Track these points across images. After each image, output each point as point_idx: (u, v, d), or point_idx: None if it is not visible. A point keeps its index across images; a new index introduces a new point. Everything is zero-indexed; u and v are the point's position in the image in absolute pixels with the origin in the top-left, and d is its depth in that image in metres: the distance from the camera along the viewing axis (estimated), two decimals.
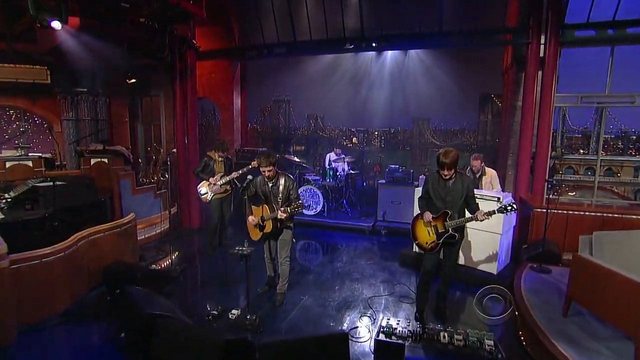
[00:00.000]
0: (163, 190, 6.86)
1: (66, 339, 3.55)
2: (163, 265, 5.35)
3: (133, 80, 6.97)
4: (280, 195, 3.91)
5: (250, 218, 4.00)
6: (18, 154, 5.25)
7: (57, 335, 3.57)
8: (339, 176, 8.07)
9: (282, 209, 3.77)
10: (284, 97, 14.38)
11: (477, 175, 5.40)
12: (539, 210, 5.55)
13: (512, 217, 4.91)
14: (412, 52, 10.00)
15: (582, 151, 9.59)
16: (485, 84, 10.28)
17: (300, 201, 3.87)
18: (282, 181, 3.96)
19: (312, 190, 7.78)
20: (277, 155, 4.12)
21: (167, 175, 6.43)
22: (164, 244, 6.27)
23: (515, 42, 6.65)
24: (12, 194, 4.25)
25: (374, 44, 7.18)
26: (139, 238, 6.21)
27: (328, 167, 8.01)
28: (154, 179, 6.59)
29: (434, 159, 5.85)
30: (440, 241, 3.61)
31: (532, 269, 4.68)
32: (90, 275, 4.47)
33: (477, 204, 3.69)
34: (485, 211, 3.50)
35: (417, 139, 12.00)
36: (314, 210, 7.82)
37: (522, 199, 6.16)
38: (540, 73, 6.14)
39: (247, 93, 12.66)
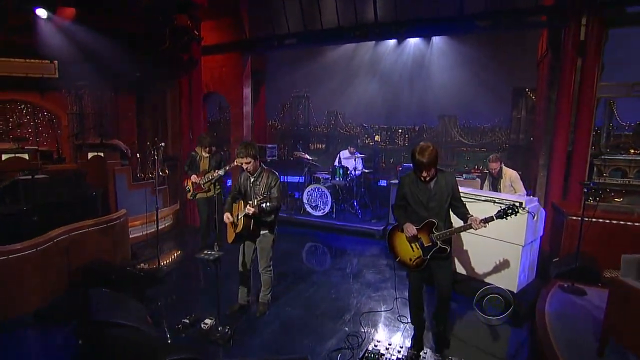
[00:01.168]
0: (164, 186, 6.69)
1: (22, 342, 3.33)
2: (154, 266, 5.11)
3: (137, 74, 6.84)
4: (261, 192, 3.48)
5: (226, 215, 3.60)
6: (15, 147, 5.20)
7: (14, 338, 3.37)
8: (350, 175, 7.54)
9: (250, 202, 3.34)
10: (303, 93, 14.05)
11: (496, 179, 4.72)
12: (573, 218, 4.72)
13: (539, 226, 4.16)
14: (435, 42, 9.21)
15: (633, 151, 8.33)
16: (518, 76, 9.27)
17: (270, 194, 3.42)
18: (264, 177, 3.53)
19: (320, 190, 7.30)
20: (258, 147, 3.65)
21: (167, 171, 6.22)
22: (160, 243, 6.08)
23: (550, 24, 5.77)
24: None
25: (388, 32, 6.58)
26: (136, 235, 6.07)
27: (338, 165, 7.50)
28: (152, 174, 6.40)
29: (461, 158, 5.22)
30: (428, 257, 2.99)
31: (561, 288, 3.92)
32: (72, 274, 4.28)
33: (465, 205, 3.05)
34: (481, 218, 2.83)
35: (443, 138, 11.15)
36: (321, 211, 7.35)
37: (555, 205, 5.32)
38: (580, 60, 5.26)
39: (266, 89, 12.45)
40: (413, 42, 9.29)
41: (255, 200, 3.29)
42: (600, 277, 4.22)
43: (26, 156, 5.28)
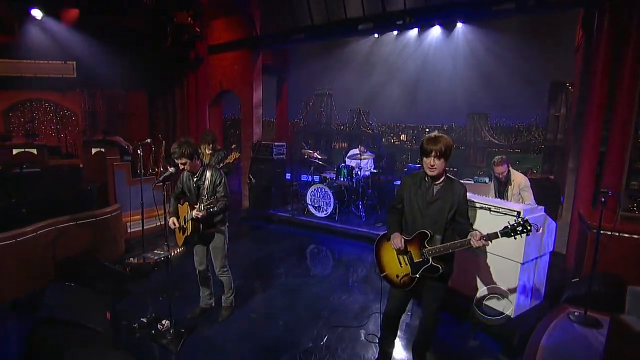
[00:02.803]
0: (168, 182, 6.77)
1: None
2: (141, 261, 5.12)
3: (149, 72, 7.02)
4: (206, 191, 3.28)
5: (171, 221, 3.42)
6: (26, 143, 5.53)
7: None
8: (358, 175, 7.13)
9: (197, 206, 3.14)
10: (325, 90, 13.72)
11: (503, 184, 4.12)
12: (601, 232, 3.96)
13: (546, 241, 3.51)
14: (460, 32, 8.41)
15: None
16: (557, 69, 8.21)
17: (219, 194, 3.21)
18: (207, 175, 3.31)
19: (323, 190, 6.99)
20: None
21: (169, 167, 6.27)
22: (159, 238, 6.15)
23: (581, 2, 4.95)
24: None
25: (395, 22, 6.10)
26: (136, 229, 6.18)
27: (343, 164, 7.14)
28: (154, 170, 6.52)
29: (491, 160, 4.71)
30: (417, 275, 2.51)
31: (570, 317, 3.26)
32: (57, 266, 4.39)
33: (471, 223, 2.55)
34: (483, 234, 2.32)
35: (472, 137, 10.21)
36: (324, 213, 7.03)
37: (580, 215, 4.53)
38: (619, 41, 4.42)
39: (289, 86, 12.36)
40: (435, 34, 8.58)
41: (202, 205, 3.09)
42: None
43: (34, 151, 5.60)
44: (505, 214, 3.31)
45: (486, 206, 3.50)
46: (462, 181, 5.39)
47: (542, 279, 3.61)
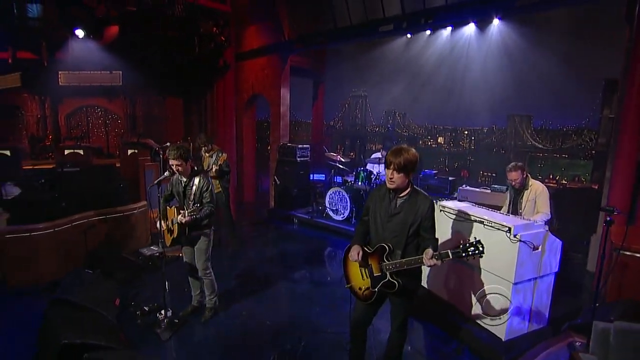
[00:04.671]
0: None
1: (16, 305, 3.99)
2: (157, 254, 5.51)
3: (182, 79, 7.58)
4: (193, 197, 3.45)
5: (158, 224, 3.58)
6: (75, 144, 6.31)
7: (16, 301, 4.06)
8: (375, 179, 7.00)
9: (181, 212, 3.34)
10: (361, 92, 13.56)
11: (518, 191, 3.82)
12: (626, 253, 3.51)
13: (548, 260, 3.19)
14: (497, 29, 7.82)
15: None
16: (613, 65, 7.22)
17: (205, 200, 3.38)
18: (196, 181, 3.45)
19: (340, 194, 7.00)
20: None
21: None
22: None
23: None
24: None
25: (417, 23, 5.92)
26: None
27: (361, 168, 7.06)
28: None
29: (533, 165, 4.45)
30: (376, 289, 2.46)
31: (571, 347, 2.93)
32: (89, 254, 4.98)
33: (437, 239, 2.43)
34: (434, 252, 2.22)
35: (513, 140, 9.38)
36: (341, 216, 7.03)
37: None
38: None
39: (325, 88, 12.50)
40: (470, 32, 8.09)
41: (186, 212, 3.28)
42: None
43: (81, 152, 6.37)
44: (498, 228, 3.07)
45: (479, 219, 3.28)
46: (478, 189, 5.11)
47: (544, 302, 3.28)
